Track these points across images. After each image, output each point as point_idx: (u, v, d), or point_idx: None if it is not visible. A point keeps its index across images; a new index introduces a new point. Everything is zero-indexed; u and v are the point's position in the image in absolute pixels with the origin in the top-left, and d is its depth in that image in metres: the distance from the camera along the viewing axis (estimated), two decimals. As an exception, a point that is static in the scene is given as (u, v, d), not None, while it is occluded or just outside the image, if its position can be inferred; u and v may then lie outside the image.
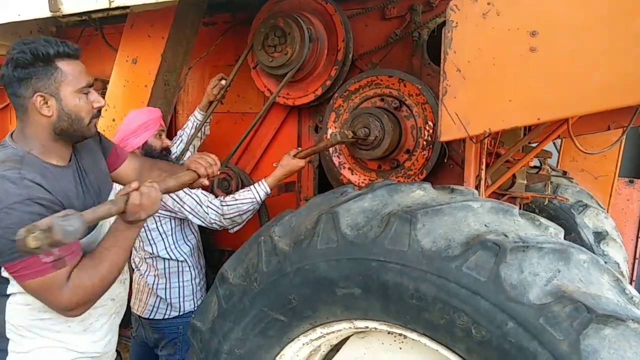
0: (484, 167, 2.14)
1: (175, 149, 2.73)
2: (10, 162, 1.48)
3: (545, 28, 1.44)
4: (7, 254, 1.41)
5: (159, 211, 2.39)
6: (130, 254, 2.29)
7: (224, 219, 2.36)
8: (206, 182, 1.91)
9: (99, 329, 1.75)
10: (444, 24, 1.62)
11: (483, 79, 1.52)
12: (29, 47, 1.50)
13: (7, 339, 1.59)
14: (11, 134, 1.62)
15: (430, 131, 2.24)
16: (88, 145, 1.79)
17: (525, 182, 2.99)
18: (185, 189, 2.30)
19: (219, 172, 1.94)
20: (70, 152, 1.68)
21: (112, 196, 1.85)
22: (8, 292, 1.56)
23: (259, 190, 2.38)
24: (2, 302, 1.56)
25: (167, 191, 1.70)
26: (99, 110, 1.68)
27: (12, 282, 1.54)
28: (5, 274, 1.52)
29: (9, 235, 1.34)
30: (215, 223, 2.38)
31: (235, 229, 2.45)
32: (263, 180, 2.41)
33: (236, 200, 2.36)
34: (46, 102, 1.54)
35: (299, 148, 2.56)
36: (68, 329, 1.66)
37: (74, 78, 1.57)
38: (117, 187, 2.36)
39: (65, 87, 1.56)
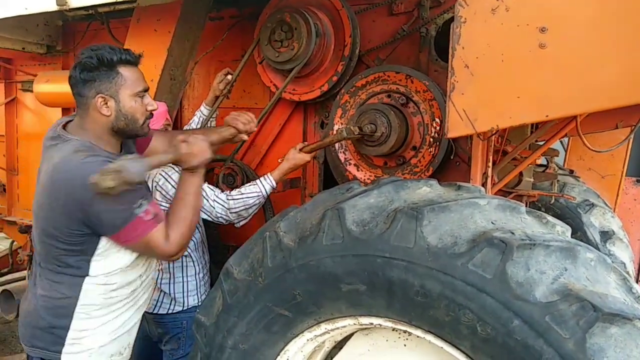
0: (490, 164, 2.13)
1: (181, 143, 2.73)
2: (83, 151, 1.64)
3: (554, 24, 1.42)
4: (120, 221, 1.63)
5: (165, 205, 2.39)
6: None
7: (231, 213, 2.36)
8: (245, 137, 2.33)
9: (141, 304, 1.94)
10: (451, 20, 1.61)
11: (491, 75, 1.51)
12: (95, 52, 1.68)
13: (71, 318, 1.72)
14: (63, 127, 1.77)
15: (437, 128, 2.23)
16: None
17: (532, 180, 2.97)
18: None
19: (255, 129, 2.35)
20: (120, 143, 1.85)
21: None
22: (88, 274, 1.70)
23: (264, 184, 2.37)
24: (78, 282, 1.71)
25: (212, 143, 1.93)
26: (152, 112, 1.83)
27: (93, 263, 1.70)
28: (99, 252, 1.69)
29: (118, 206, 1.60)
30: (221, 217, 2.38)
31: (241, 223, 2.45)
32: (269, 174, 2.41)
33: (242, 194, 2.36)
34: (106, 103, 1.70)
35: (305, 142, 2.55)
36: (128, 304, 1.84)
37: (132, 83, 1.74)
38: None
39: (124, 91, 1.72)
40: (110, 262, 1.73)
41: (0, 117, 3.95)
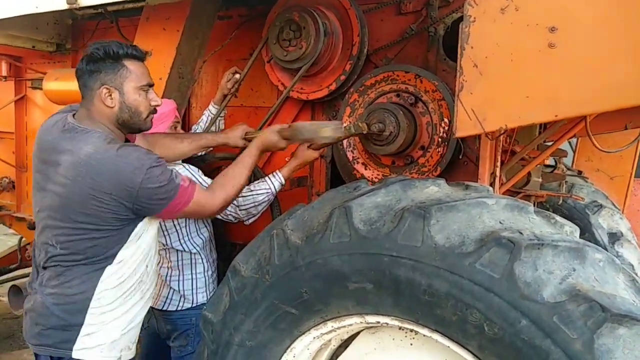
0: (498, 164, 2.12)
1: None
2: (114, 142, 1.73)
3: (564, 24, 1.42)
4: (168, 196, 1.72)
5: None
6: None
7: (240, 210, 2.37)
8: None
9: (148, 296, 1.96)
10: (460, 19, 1.60)
11: (500, 75, 1.51)
12: (103, 45, 1.76)
13: (85, 313, 1.75)
14: (73, 116, 1.81)
15: (446, 128, 2.23)
16: None
17: (540, 180, 2.96)
18: (203, 180, 2.34)
19: None
20: (125, 138, 1.90)
21: None
22: (110, 262, 1.75)
23: (273, 181, 2.38)
24: (96, 274, 1.75)
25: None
26: (156, 108, 1.89)
27: (121, 250, 1.76)
28: (130, 238, 1.76)
29: (164, 181, 1.70)
30: (230, 215, 2.39)
31: (251, 220, 2.45)
32: (277, 171, 2.41)
33: (251, 191, 2.37)
34: (110, 94, 1.76)
35: None
36: (137, 295, 1.87)
37: (136, 76, 1.80)
38: None
39: (129, 83, 1.78)
40: (129, 249, 1.77)
41: (10, 115, 3.97)
